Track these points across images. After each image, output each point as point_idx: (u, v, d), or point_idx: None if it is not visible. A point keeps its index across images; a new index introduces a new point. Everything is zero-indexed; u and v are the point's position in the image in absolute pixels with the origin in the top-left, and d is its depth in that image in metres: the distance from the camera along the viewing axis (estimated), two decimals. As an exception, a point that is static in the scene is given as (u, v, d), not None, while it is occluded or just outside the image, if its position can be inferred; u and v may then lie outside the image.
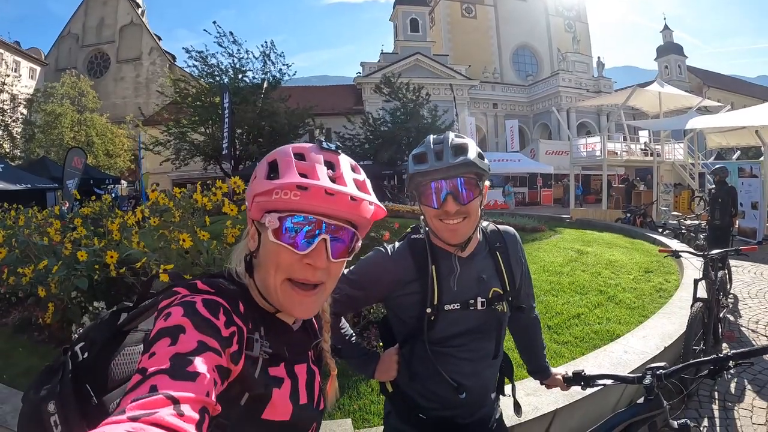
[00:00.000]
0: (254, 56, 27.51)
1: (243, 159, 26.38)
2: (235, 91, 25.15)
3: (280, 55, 28.20)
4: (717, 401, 4.53)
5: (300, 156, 1.06)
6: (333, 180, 1.04)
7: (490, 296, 1.73)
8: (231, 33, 26.70)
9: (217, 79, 26.36)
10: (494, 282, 1.77)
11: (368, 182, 1.13)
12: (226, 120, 22.36)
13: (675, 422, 2.07)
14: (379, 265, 1.76)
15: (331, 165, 1.07)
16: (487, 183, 1.69)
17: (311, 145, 1.10)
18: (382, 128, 31.46)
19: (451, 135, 1.66)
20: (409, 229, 1.87)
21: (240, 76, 27.16)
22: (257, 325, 1.06)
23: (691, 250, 6.15)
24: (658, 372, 1.97)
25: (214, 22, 26.38)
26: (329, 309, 1.33)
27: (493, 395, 1.87)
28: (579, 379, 2.02)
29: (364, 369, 1.87)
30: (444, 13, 50.65)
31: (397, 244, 1.80)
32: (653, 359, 4.27)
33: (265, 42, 27.93)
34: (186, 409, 0.73)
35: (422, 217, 1.75)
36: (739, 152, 26.93)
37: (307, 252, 1.04)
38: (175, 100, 27.07)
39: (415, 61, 41.68)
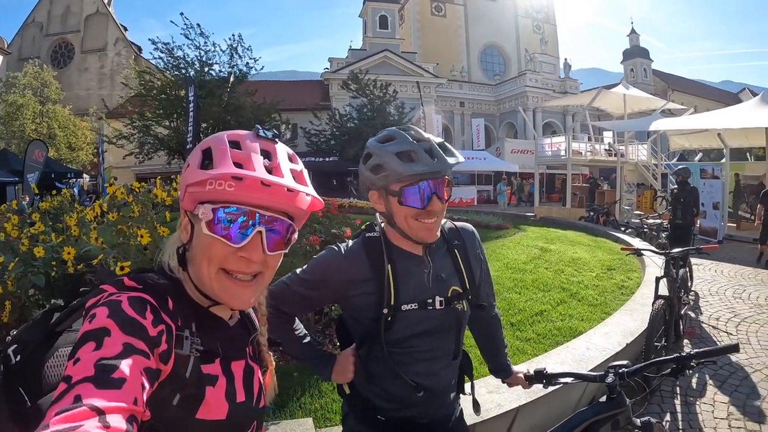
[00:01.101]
0: (221, 49, 27.51)
1: (208, 153, 25.99)
2: (200, 84, 24.97)
3: (248, 49, 28.23)
4: (679, 396, 4.59)
5: (235, 144, 1.02)
6: (269, 170, 1.00)
7: (449, 295, 1.69)
8: (198, 25, 26.70)
9: (183, 71, 26.32)
10: (453, 280, 1.72)
11: (305, 172, 1.10)
12: (191, 113, 22.15)
13: (638, 420, 2.07)
14: (332, 264, 1.68)
15: (267, 154, 1.04)
16: None
17: (247, 132, 1.06)
18: (349, 124, 31.61)
19: (424, 133, 1.61)
20: (363, 227, 1.81)
21: (206, 69, 27.19)
22: (188, 322, 1.02)
23: (653, 248, 6.26)
24: (620, 371, 1.96)
25: (182, 14, 26.48)
26: (265, 302, 1.30)
27: (453, 394, 1.82)
28: (541, 377, 2.00)
29: (320, 371, 1.79)
30: (414, 10, 50.56)
31: (350, 242, 1.74)
32: (615, 356, 4.32)
33: (233, 35, 27.88)
34: (113, 419, 0.71)
35: (378, 214, 1.71)
36: (701, 154, 27.69)
37: (242, 245, 1.01)
38: (139, 93, 26.87)
39: (384, 58, 41.60)
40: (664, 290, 5.43)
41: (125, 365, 0.79)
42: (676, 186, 10.24)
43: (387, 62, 41.61)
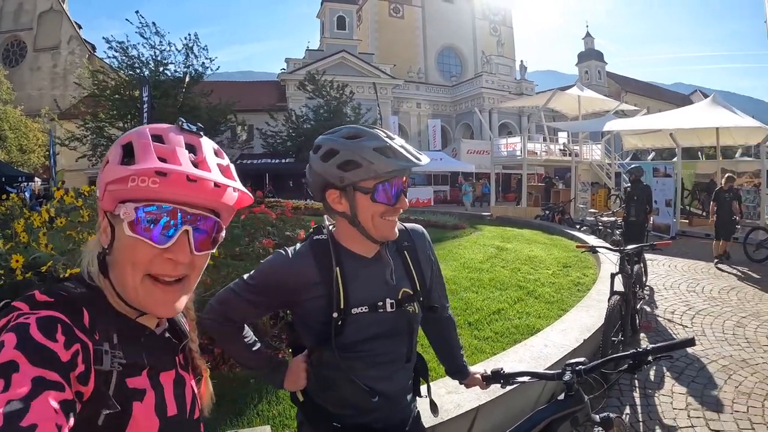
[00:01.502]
0: (177, 49, 27.12)
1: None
2: (155, 84, 24.69)
3: (204, 49, 27.86)
4: (638, 389, 4.65)
5: (158, 138, 0.96)
6: (195, 165, 0.95)
7: (399, 297, 1.66)
8: (153, 23, 26.28)
9: (138, 71, 25.86)
10: (403, 282, 1.70)
11: (233, 167, 1.06)
12: (145, 114, 21.82)
13: (597, 416, 2.10)
14: (279, 268, 1.62)
15: (192, 148, 0.99)
16: None
17: (170, 126, 1.01)
18: (305, 126, 31.27)
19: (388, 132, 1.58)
20: (311, 230, 1.75)
21: (161, 68, 26.76)
22: (108, 334, 0.94)
23: (608, 245, 6.42)
24: (577, 368, 1.96)
25: (137, 12, 25.82)
26: (194, 306, 1.25)
27: (409, 397, 1.80)
28: (498, 377, 1.99)
29: (271, 379, 1.75)
30: (372, 11, 50.55)
31: (298, 245, 1.68)
32: (573, 352, 4.32)
33: (189, 34, 27.56)
34: None
35: (326, 216, 1.70)
36: (654, 153, 28.31)
37: (168, 246, 0.95)
38: (93, 93, 26.32)
39: (341, 58, 41.45)
40: (619, 286, 5.48)
41: (36, 408, 0.71)
42: (629, 184, 10.32)
43: (344, 63, 41.48)
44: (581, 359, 2.01)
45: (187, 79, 26.99)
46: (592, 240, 11.13)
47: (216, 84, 30.41)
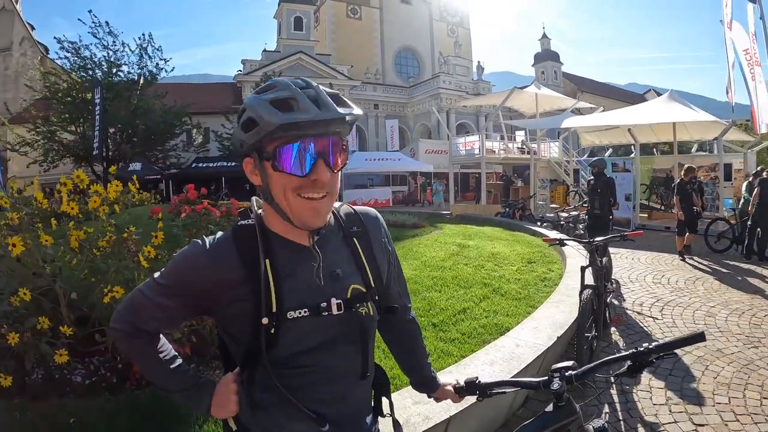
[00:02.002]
0: (130, 49, 26.38)
1: (115, 160, 24.62)
2: (108, 86, 24.12)
3: (158, 49, 27.18)
4: (614, 386, 4.41)
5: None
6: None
7: (348, 296, 1.32)
8: (107, 23, 25.54)
9: (90, 72, 25.06)
10: (353, 277, 1.37)
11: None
12: (98, 117, 20.91)
13: (591, 426, 1.77)
14: (193, 263, 1.28)
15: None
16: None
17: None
18: (262, 128, 30.59)
19: (314, 81, 1.24)
20: (246, 205, 1.46)
21: (114, 70, 26.00)
22: None
23: (577, 238, 6.24)
24: (567, 374, 1.64)
25: (90, 11, 25.06)
26: (117, 316, 1.37)
27: (368, 418, 1.47)
28: (474, 388, 1.69)
29: (196, 403, 1.40)
30: (329, 13, 50.06)
31: (219, 234, 1.34)
32: (547, 351, 4.19)
33: (143, 35, 26.75)
34: None
35: (255, 198, 1.39)
36: (611, 150, 28.76)
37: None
38: (44, 96, 25.32)
39: (298, 60, 40.90)
40: (590, 279, 5.28)
41: None
42: (592, 177, 10.18)
43: (301, 64, 40.93)
44: (569, 363, 1.68)
45: (141, 81, 26.28)
46: (554, 234, 11.04)
47: (171, 86, 29.54)
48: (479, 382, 1.68)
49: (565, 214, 14.17)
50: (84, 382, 3.63)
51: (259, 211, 1.33)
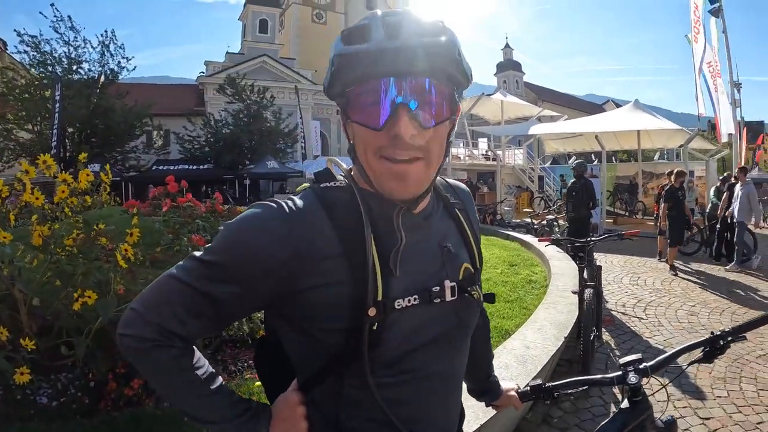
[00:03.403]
0: (92, 46, 25.48)
1: (74, 161, 23.60)
2: (68, 83, 23.23)
3: (120, 47, 26.38)
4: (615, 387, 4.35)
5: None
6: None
7: (461, 277, 1.07)
8: (69, 17, 24.64)
9: (50, 69, 24.08)
10: (463, 254, 1.12)
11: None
12: (57, 116, 20.29)
13: (660, 420, 1.63)
14: (263, 231, 0.93)
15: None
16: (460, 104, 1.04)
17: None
18: (224, 130, 30.37)
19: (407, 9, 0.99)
20: (305, 185, 1.10)
21: (75, 67, 25.11)
22: None
23: (573, 239, 6.13)
24: (641, 366, 1.53)
25: (52, 5, 24.12)
26: (131, 318, 0.93)
27: None
28: (540, 391, 1.55)
29: None
30: (294, 16, 49.70)
31: (294, 197, 1.00)
32: (558, 351, 4.23)
33: (106, 31, 25.88)
34: None
35: (330, 158, 1.20)
36: (575, 157, 29.37)
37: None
38: (1, 92, 24.00)
39: (262, 62, 40.50)
40: (588, 279, 5.29)
41: None
42: (573, 180, 10.29)
43: (265, 67, 40.56)
44: (637, 356, 1.57)
45: (101, 79, 25.52)
46: (528, 238, 11.28)
47: (132, 86, 28.85)
48: (546, 385, 1.54)
49: (537, 221, 14.38)
50: (51, 403, 3.07)
51: (350, 172, 1.08)
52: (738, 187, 10.14)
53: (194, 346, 0.99)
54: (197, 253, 0.95)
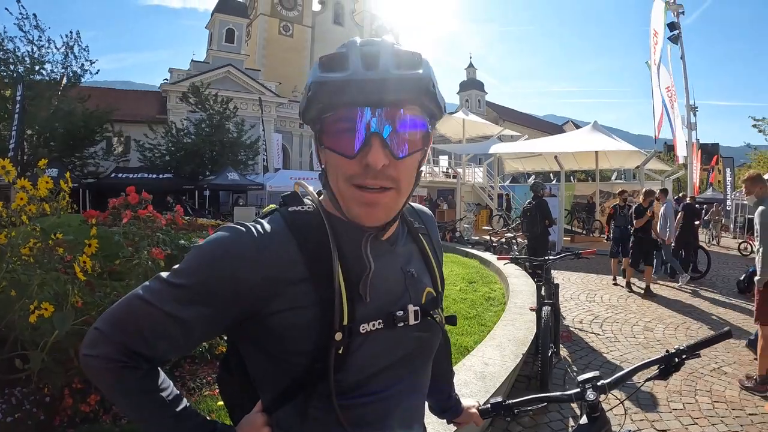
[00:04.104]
0: (56, 47, 24.71)
1: (31, 165, 22.84)
2: (29, 84, 22.40)
3: (85, 49, 25.65)
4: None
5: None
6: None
7: (423, 301, 1.09)
8: (35, 15, 23.87)
9: (11, 68, 23.36)
10: (425, 278, 1.14)
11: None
12: (17, 116, 19.69)
13: None
14: (232, 254, 0.93)
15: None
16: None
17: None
18: (186, 140, 29.94)
19: (388, 38, 0.99)
20: (272, 206, 1.10)
21: (37, 67, 24.27)
22: None
23: (532, 258, 6.30)
24: (599, 383, 1.56)
25: (18, 1, 23.39)
26: (96, 337, 0.94)
27: None
28: (500, 408, 1.56)
29: None
30: (261, 28, 49.33)
31: (262, 220, 1.01)
32: (517, 368, 4.34)
33: (71, 32, 25.20)
34: None
35: (300, 181, 1.18)
36: (533, 176, 29.90)
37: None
38: None
39: (226, 72, 40.16)
40: (546, 297, 5.42)
41: None
42: (531, 200, 10.45)
43: (230, 77, 40.26)
44: (595, 373, 1.60)
45: (64, 81, 24.83)
46: (487, 255, 11.41)
47: (94, 90, 28.22)
48: (506, 402, 1.55)
49: (495, 239, 14.51)
50: (5, 419, 2.95)
51: (318, 197, 1.10)
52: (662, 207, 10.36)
53: (159, 368, 0.99)
54: (164, 275, 0.95)
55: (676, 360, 1.54)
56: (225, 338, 1.22)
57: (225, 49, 42.24)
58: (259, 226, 0.96)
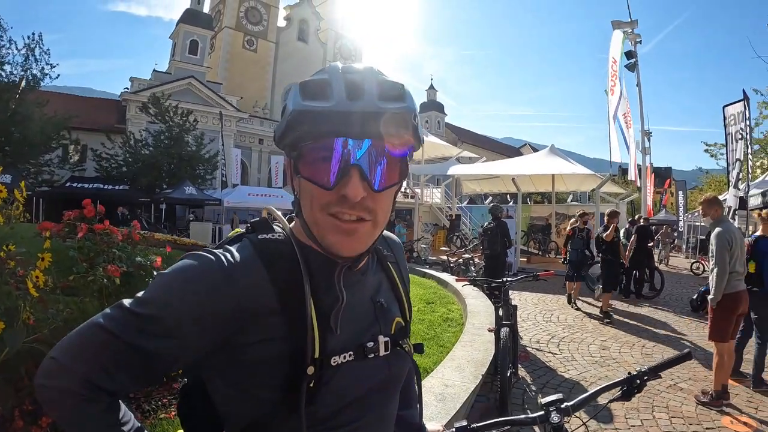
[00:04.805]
0: (17, 48, 23.78)
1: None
2: None
3: (46, 52, 24.73)
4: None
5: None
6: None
7: (393, 331, 1.08)
8: None
9: None
10: (394, 308, 1.13)
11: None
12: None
13: None
14: (201, 283, 0.89)
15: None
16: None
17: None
18: (144, 151, 29.40)
19: (373, 68, 0.97)
20: (239, 230, 1.06)
21: None
22: None
23: (489, 279, 6.24)
24: (563, 406, 1.59)
25: None
26: (52, 368, 0.88)
27: None
28: None
29: None
30: (226, 41, 48.98)
31: (231, 247, 0.96)
32: (477, 389, 4.38)
33: (33, 33, 24.32)
34: None
35: (270, 207, 1.14)
36: (491, 198, 30.30)
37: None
38: None
39: (188, 84, 39.65)
40: (505, 318, 5.40)
41: None
42: (490, 222, 10.61)
43: (191, 89, 39.74)
44: (559, 396, 1.63)
45: (23, 84, 23.84)
46: (445, 276, 11.45)
47: (53, 95, 27.49)
48: (471, 426, 1.54)
49: (453, 259, 14.64)
50: None
51: (290, 223, 1.08)
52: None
53: (120, 400, 0.95)
54: (127, 303, 0.89)
55: (638, 381, 1.62)
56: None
57: (188, 61, 41.70)
58: (228, 255, 0.93)
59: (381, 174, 0.92)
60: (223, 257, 0.92)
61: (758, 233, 5.79)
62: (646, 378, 1.62)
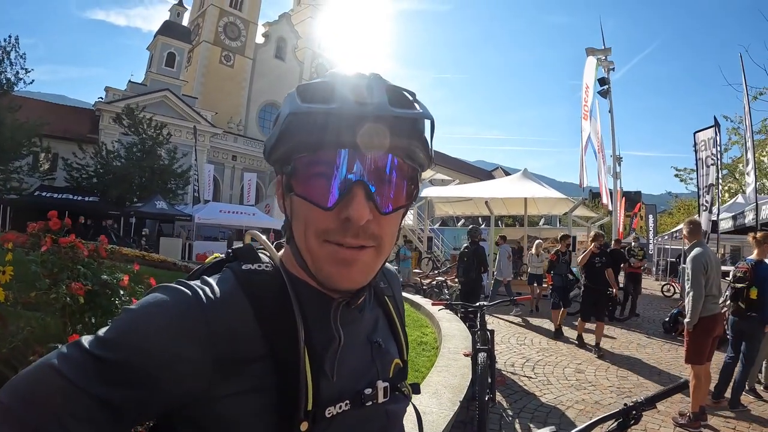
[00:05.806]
0: None
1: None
2: None
3: (22, 56, 24.36)
4: None
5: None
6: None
7: (391, 375, 0.97)
8: None
9: None
10: (392, 348, 1.01)
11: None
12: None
13: None
14: (179, 328, 0.74)
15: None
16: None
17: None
18: (116, 163, 28.92)
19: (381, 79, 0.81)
20: (217, 256, 0.97)
21: None
22: None
23: (466, 303, 6.45)
24: None
25: None
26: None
27: None
28: None
29: None
30: (203, 55, 48.93)
31: (211, 280, 0.83)
32: (456, 415, 4.28)
33: (9, 36, 23.86)
34: None
35: (253, 231, 1.01)
36: (463, 220, 30.50)
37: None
38: None
39: (163, 97, 39.38)
40: (482, 343, 5.35)
41: None
42: (467, 245, 10.56)
43: (166, 102, 39.47)
44: (552, 428, 1.49)
45: None
46: (418, 298, 11.31)
47: (26, 100, 26.89)
48: None
49: (426, 281, 14.62)
50: None
51: (278, 254, 0.93)
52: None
53: None
54: (87, 342, 0.73)
55: (634, 413, 1.56)
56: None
57: (164, 73, 41.39)
58: (207, 289, 0.79)
59: (389, 193, 0.80)
60: (201, 291, 0.78)
61: (753, 257, 5.75)
62: (642, 409, 1.56)
